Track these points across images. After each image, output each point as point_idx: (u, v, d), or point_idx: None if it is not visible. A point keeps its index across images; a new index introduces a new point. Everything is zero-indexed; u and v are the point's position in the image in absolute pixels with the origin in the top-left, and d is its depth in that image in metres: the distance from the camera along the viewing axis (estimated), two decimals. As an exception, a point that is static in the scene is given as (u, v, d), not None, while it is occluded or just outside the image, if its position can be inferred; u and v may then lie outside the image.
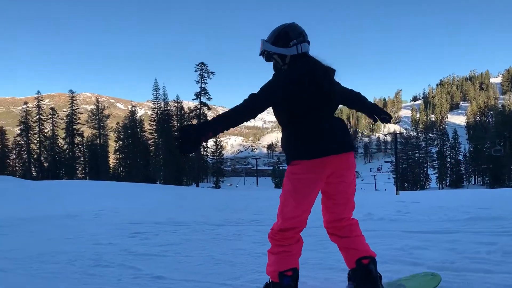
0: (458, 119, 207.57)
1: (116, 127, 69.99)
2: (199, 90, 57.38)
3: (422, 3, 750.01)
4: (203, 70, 57.93)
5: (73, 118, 65.23)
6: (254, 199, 13.28)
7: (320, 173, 2.14)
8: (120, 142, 68.64)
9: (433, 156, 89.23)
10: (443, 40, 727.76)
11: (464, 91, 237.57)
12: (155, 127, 65.97)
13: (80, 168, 66.82)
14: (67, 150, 65.10)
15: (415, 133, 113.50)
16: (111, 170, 69.03)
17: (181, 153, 1.99)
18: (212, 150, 67.43)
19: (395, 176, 46.41)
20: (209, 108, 59.66)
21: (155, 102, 66.43)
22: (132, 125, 68.48)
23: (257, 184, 58.43)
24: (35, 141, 63.82)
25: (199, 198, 16.90)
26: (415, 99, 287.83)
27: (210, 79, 58.50)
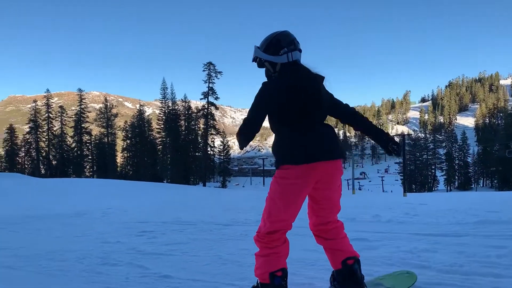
0: (467, 121, 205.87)
1: (124, 126, 70.34)
2: (207, 90, 57.51)
3: (432, 4, 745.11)
4: (211, 70, 58.08)
5: (82, 117, 65.64)
6: (261, 199, 13.25)
7: (308, 179, 2.19)
8: (128, 141, 68.98)
9: (441, 158, 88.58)
10: (453, 41, 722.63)
11: (474, 93, 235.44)
12: (163, 126, 66.23)
13: (88, 166, 67.21)
14: (75, 148, 65.53)
15: (423, 135, 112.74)
16: (119, 169, 69.41)
17: None
18: (219, 150, 67.57)
19: (403, 178, 46.17)
20: (217, 108, 59.77)
21: (163, 101, 66.69)
22: (140, 124, 68.79)
23: (264, 184, 58.45)
24: (44, 139, 64.32)
25: (206, 198, 16.94)
26: (424, 101, 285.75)
27: (218, 79, 58.67)
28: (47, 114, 64.48)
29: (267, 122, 2.50)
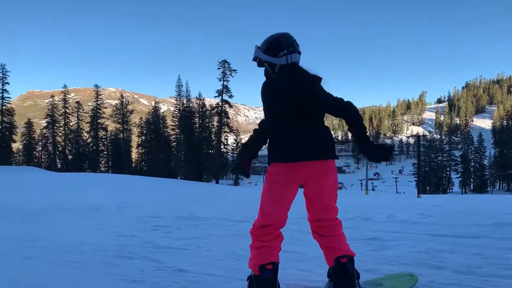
0: (484, 123, 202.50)
1: (139, 122, 70.91)
2: (221, 88, 57.66)
3: (450, 4, 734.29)
4: (226, 68, 58.21)
5: (98, 112, 66.39)
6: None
7: (291, 177, 2.27)
8: (143, 137, 69.55)
9: (457, 160, 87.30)
10: (471, 42, 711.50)
11: (491, 94, 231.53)
12: (177, 123, 66.60)
13: (103, 162, 67.96)
14: (91, 144, 66.33)
15: (439, 136, 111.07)
16: (134, 165, 69.98)
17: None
18: (233, 148, 67.67)
19: (417, 179, 45.60)
20: (231, 106, 59.93)
21: (178, 99, 67.04)
22: (155, 121, 69.30)
23: (276, 183, 58.32)
24: (61, 134, 65.22)
25: (219, 195, 17.00)
26: (440, 102, 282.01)
27: (233, 77, 58.78)
28: (64, 110, 65.34)
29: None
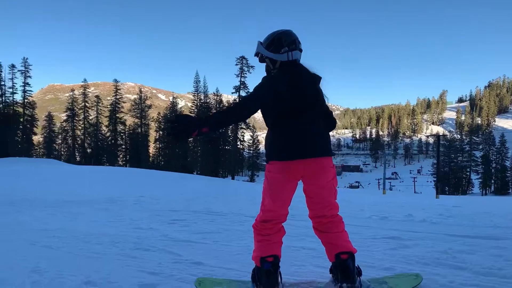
0: (507, 123, 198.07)
1: (157, 117, 71.58)
2: (239, 84, 57.74)
3: (473, 2, 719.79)
4: (244, 64, 58.23)
5: (117, 107, 67.19)
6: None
7: (289, 174, 2.32)
8: (160, 132, 70.19)
9: (477, 161, 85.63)
10: (494, 40, 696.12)
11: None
12: (195, 119, 66.80)
13: (121, 156, 68.80)
14: (110, 138, 67.22)
15: (459, 136, 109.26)
16: (151, 159, 70.73)
17: (172, 138, 2.08)
18: (249, 144, 67.80)
19: (436, 179, 44.98)
20: (249, 103, 59.88)
21: (195, 94, 67.43)
22: (173, 116, 69.75)
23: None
24: (80, 127, 66.30)
25: (235, 191, 17.06)
26: (461, 101, 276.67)
27: (250, 73, 58.74)
28: (84, 103, 66.34)
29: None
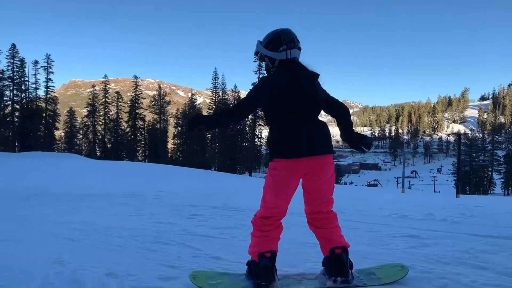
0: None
1: (176, 114, 72.11)
2: (257, 80, 57.64)
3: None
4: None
5: (136, 103, 67.92)
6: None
7: (294, 172, 2.38)
8: (179, 128, 70.71)
9: (500, 160, 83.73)
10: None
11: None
12: (213, 115, 67.11)
13: (141, 151, 69.57)
14: (129, 133, 68.04)
15: (481, 135, 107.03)
16: (169, 155, 71.35)
17: (187, 132, 2.31)
18: (266, 141, 67.78)
19: (456, 179, 44.17)
20: (266, 99, 59.78)
21: (214, 91, 67.72)
22: (191, 112, 70.26)
23: (310, 178, 57.93)
24: (100, 123, 67.27)
25: (252, 187, 17.08)
26: (484, 99, 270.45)
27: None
28: (104, 99, 67.26)
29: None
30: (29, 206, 7.17)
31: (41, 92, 61.46)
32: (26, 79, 58.61)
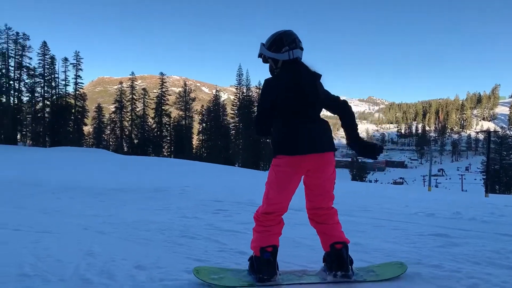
0: None
1: (201, 110, 72.72)
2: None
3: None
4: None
5: (162, 99, 68.83)
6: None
7: (298, 168, 2.46)
8: (204, 125, 71.32)
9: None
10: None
11: None
12: (237, 112, 67.50)
13: (166, 147, 70.52)
14: (155, 129, 69.05)
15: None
16: (194, 151, 72.06)
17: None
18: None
19: (485, 177, 42.99)
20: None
21: (238, 87, 67.89)
22: (215, 109, 70.75)
23: (334, 175, 57.41)
24: (127, 119, 68.48)
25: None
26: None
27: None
28: (131, 96, 68.42)
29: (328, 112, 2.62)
30: (59, 199, 7.39)
31: (71, 89, 63.01)
32: (56, 76, 60.25)
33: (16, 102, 56.03)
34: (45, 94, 58.97)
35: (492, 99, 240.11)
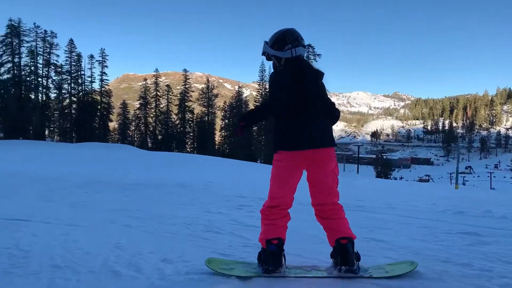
0: None
1: (223, 106, 73.00)
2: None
3: None
4: (310, 52, 57.48)
5: (186, 96, 69.37)
6: (356, 187, 12.98)
7: (297, 163, 2.53)
8: (226, 121, 71.57)
9: None
10: None
11: None
12: (259, 108, 67.29)
13: (189, 143, 71.15)
14: (179, 125, 69.72)
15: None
16: (216, 147, 72.47)
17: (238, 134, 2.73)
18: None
19: (516, 175, 41.69)
20: (314, 91, 59.15)
21: (260, 84, 67.79)
22: (238, 105, 70.87)
23: (358, 172, 56.95)
24: (152, 115, 69.34)
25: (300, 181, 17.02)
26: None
27: (316, 62, 57.94)
28: (155, 92, 69.19)
29: (363, 108, 2.57)
30: (85, 194, 7.55)
31: (96, 85, 64.18)
32: (83, 73, 61.42)
33: (44, 99, 57.44)
34: (72, 91, 60.30)
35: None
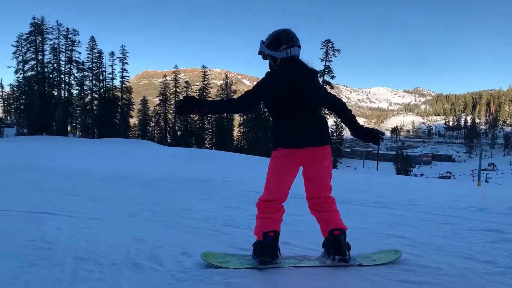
0: None
1: (242, 102, 73.08)
2: (323, 68, 56.73)
3: None
4: (329, 48, 57.02)
5: (205, 92, 69.73)
6: (376, 183, 12.85)
7: (294, 159, 2.64)
8: (244, 117, 71.68)
9: None
10: None
11: None
12: (278, 104, 67.16)
13: (208, 139, 71.58)
14: (198, 121, 70.17)
15: None
16: (235, 143, 72.70)
17: (176, 113, 2.70)
18: (332, 130, 66.75)
19: (541, 173, 40.59)
20: (332, 87, 58.80)
21: (279, 79, 67.56)
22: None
23: (377, 169, 56.35)
24: (171, 111, 69.96)
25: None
26: None
27: (336, 57, 57.44)
28: (175, 89, 69.75)
29: (383, 104, 2.56)
30: (108, 188, 7.67)
31: (117, 82, 64.97)
32: (104, 70, 62.21)
33: (67, 95, 58.52)
34: (93, 87, 61.19)
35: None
